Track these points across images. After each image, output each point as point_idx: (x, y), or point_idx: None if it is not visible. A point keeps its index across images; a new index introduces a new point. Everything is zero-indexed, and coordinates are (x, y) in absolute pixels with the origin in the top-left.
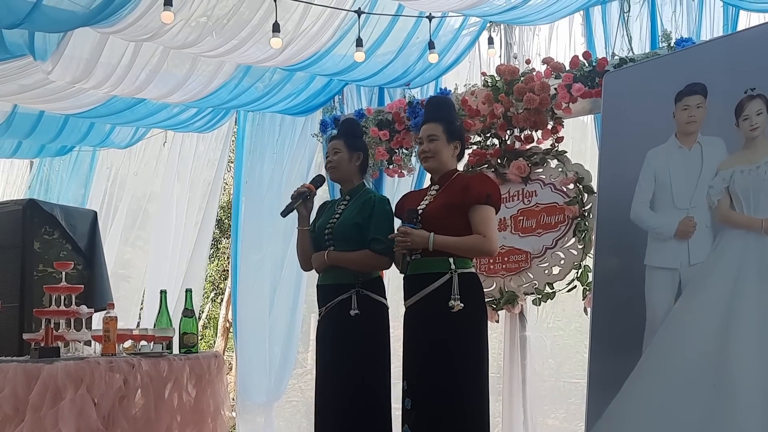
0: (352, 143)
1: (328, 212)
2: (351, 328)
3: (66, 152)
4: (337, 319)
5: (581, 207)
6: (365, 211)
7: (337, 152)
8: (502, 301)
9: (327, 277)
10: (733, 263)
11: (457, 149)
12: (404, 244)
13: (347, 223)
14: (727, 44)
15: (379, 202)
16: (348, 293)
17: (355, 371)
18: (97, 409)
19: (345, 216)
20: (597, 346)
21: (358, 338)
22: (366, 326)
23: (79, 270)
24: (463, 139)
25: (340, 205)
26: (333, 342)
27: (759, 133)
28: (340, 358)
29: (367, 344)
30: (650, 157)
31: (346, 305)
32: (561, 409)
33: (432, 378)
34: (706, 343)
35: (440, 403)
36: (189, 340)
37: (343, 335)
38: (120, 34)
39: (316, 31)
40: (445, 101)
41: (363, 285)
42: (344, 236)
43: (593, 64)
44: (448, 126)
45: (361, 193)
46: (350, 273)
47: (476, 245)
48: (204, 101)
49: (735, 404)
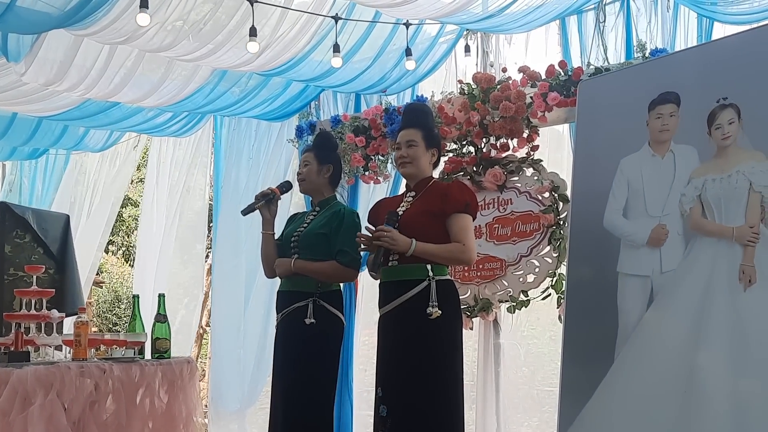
0: (322, 155)
1: (297, 222)
2: (304, 337)
3: (39, 155)
4: (292, 327)
5: (556, 215)
6: (333, 222)
7: (307, 164)
8: (477, 309)
9: (287, 283)
10: (705, 271)
11: (435, 156)
12: (386, 241)
13: (313, 233)
14: (700, 53)
15: (348, 215)
16: (305, 301)
17: (302, 380)
18: (67, 414)
19: (312, 225)
20: (569, 353)
21: (309, 348)
22: (319, 337)
23: (51, 274)
24: (440, 147)
25: (310, 215)
26: (284, 349)
27: (731, 142)
28: (289, 366)
29: (317, 355)
30: (623, 165)
31: (301, 313)
32: (534, 417)
33: (408, 385)
34: (677, 349)
35: (416, 410)
36: (161, 346)
37: (295, 343)
38: (95, 37)
39: (292, 36)
40: (424, 108)
41: (321, 295)
42: (309, 244)
43: (569, 74)
44: (427, 133)
45: (331, 204)
46: (310, 281)
47: (455, 253)
48: (179, 105)
49: (705, 410)
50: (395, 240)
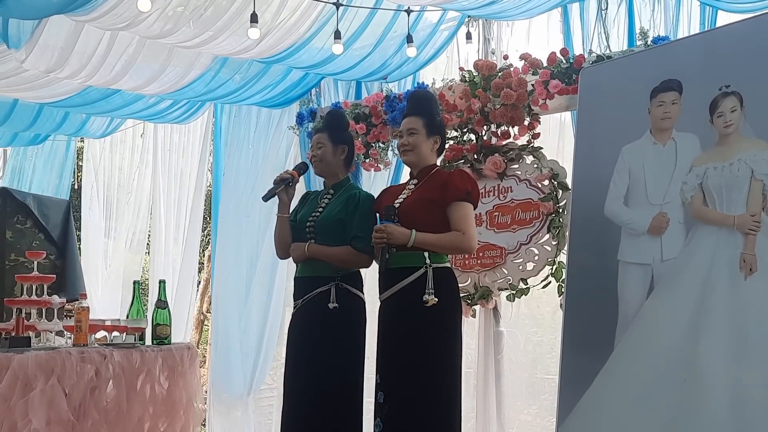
0: (336, 136)
1: (311, 204)
2: (329, 321)
3: (40, 141)
4: (316, 312)
5: (555, 203)
6: (349, 206)
7: (321, 146)
8: (476, 297)
9: (306, 269)
10: (705, 259)
11: (437, 144)
12: (381, 240)
13: (331, 218)
14: (702, 41)
15: (364, 200)
16: (327, 286)
17: (331, 363)
18: (68, 399)
19: (329, 210)
20: (569, 341)
21: (336, 331)
22: (344, 319)
23: (52, 260)
24: (443, 134)
25: (324, 198)
26: (310, 334)
27: (733, 130)
28: (316, 350)
29: (345, 337)
30: (625, 152)
31: (324, 298)
32: (534, 404)
33: (404, 372)
34: (677, 338)
35: (411, 397)
36: (162, 332)
37: (321, 328)
38: (95, 23)
39: (293, 22)
40: (426, 96)
41: (342, 278)
42: (326, 231)
43: (570, 61)
44: (429, 120)
45: (346, 187)
46: (330, 266)
47: (455, 242)
48: (180, 93)
49: (705, 399)
50: (393, 234)
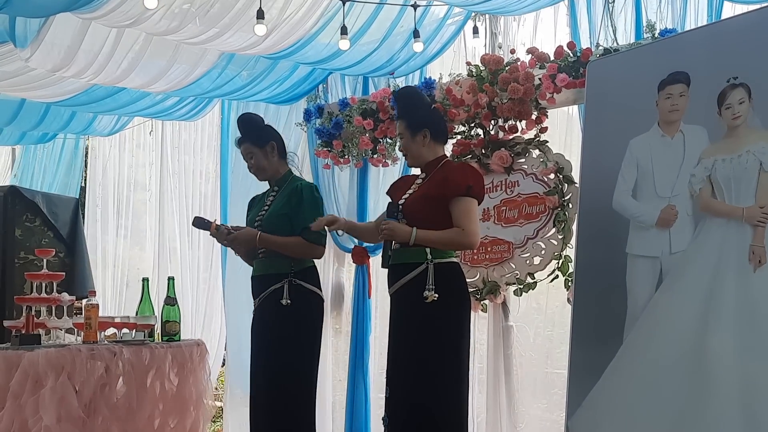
0: (258, 139)
1: (258, 205)
2: (283, 318)
3: (48, 140)
4: (270, 310)
5: (561, 197)
6: (293, 200)
7: (251, 155)
8: (484, 291)
9: (260, 267)
10: (714, 252)
11: (426, 137)
12: (386, 236)
13: (275, 214)
14: (710, 33)
15: (306, 189)
16: (281, 283)
17: (284, 360)
18: (78, 396)
19: (273, 207)
20: (578, 335)
21: (289, 327)
22: (297, 315)
23: (61, 257)
24: (431, 124)
25: (269, 196)
26: (265, 332)
27: (741, 122)
28: (270, 347)
29: (298, 334)
30: (633, 145)
31: (278, 295)
32: (545, 399)
33: (407, 367)
34: (686, 331)
35: (414, 393)
36: (171, 328)
37: (275, 325)
38: (102, 20)
39: (299, 18)
40: (404, 93)
41: (296, 274)
42: (273, 227)
43: (578, 55)
44: (410, 119)
45: (288, 181)
46: (284, 262)
47: (455, 239)
48: (187, 90)
49: (714, 392)
50: (394, 231)
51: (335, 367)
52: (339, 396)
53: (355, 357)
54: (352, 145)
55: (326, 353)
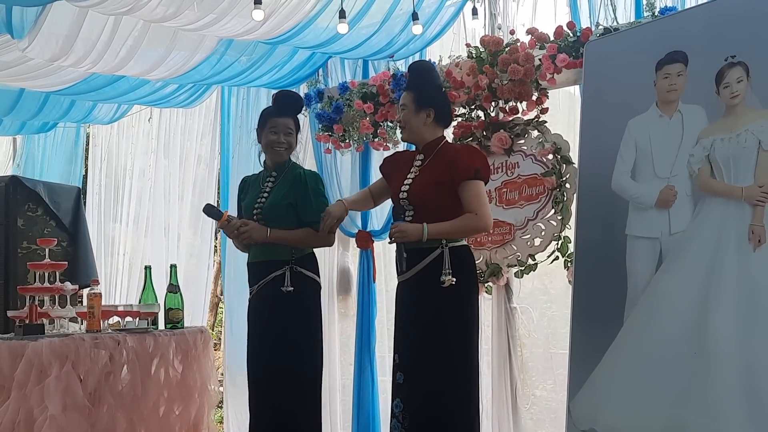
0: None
1: (253, 190)
2: (284, 304)
3: (48, 129)
4: (270, 296)
5: (559, 178)
6: (297, 189)
7: (290, 132)
8: (487, 274)
9: (259, 253)
10: (713, 231)
11: (430, 117)
12: (399, 238)
13: (279, 204)
14: (707, 11)
15: (310, 179)
16: (281, 270)
17: (288, 347)
18: (83, 385)
19: (275, 195)
20: (579, 316)
21: (292, 314)
22: (299, 302)
23: (64, 246)
24: (437, 104)
25: (267, 182)
26: (266, 319)
27: (739, 100)
28: (273, 334)
29: (301, 320)
30: (631, 126)
31: (279, 282)
32: (549, 380)
33: (425, 352)
34: (687, 311)
35: (433, 377)
36: (174, 316)
37: (276, 312)
38: (98, 8)
39: (297, 2)
40: (419, 67)
41: (296, 261)
42: (276, 217)
43: (577, 35)
44: (418, 93)
45: (288, 168)
46: (284, 249)
47: (470, 225)
48: (186, 77)
49: (715, 372)
50: (406, 232)
51: (342, 351)
52: (347, 380)
53: (361, 341)
54: (352, 129)
55: (333, 338)
